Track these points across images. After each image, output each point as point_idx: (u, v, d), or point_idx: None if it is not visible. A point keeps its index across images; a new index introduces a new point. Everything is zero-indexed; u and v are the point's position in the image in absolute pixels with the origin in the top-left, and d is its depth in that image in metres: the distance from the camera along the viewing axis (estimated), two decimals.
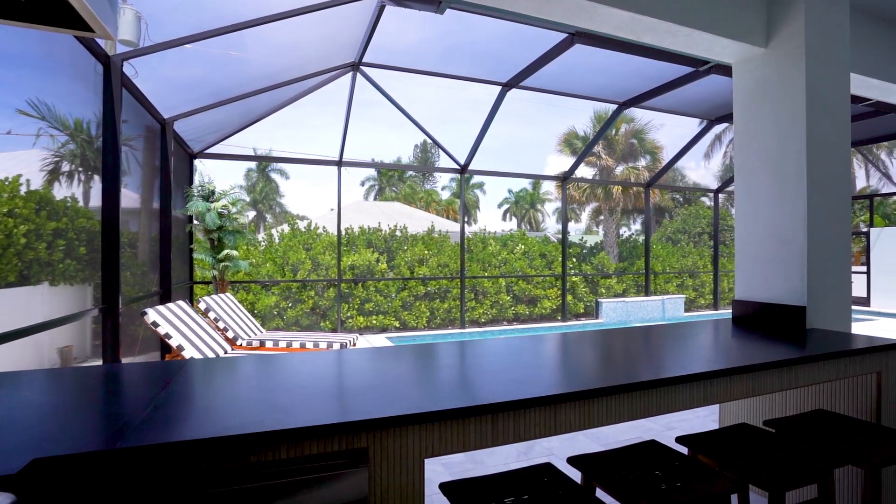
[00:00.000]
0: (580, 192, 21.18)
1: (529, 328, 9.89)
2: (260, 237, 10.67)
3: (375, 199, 40.57)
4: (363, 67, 6.66)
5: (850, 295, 3.00)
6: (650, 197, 11.23)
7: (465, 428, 1.35)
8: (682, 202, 25.34)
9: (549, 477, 1.68)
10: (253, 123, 7.29)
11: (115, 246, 3.52)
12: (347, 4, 4.81)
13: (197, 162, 7.58)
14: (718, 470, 1.88)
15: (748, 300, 3.11)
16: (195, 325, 4.45)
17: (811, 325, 2.82)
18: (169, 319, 4.12)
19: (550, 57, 6.32)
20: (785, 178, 2.93)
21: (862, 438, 2.05)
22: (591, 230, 29.88)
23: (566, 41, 5.86)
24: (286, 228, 10.21)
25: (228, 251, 6.73)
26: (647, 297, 11.27)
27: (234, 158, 7.83)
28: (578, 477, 2.46)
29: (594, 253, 12.98)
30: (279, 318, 8.99)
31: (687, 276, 12.79)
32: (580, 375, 1.80)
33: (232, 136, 7.37)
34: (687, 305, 12.19)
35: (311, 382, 1.62)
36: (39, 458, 0.96)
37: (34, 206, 4.21)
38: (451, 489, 1.58)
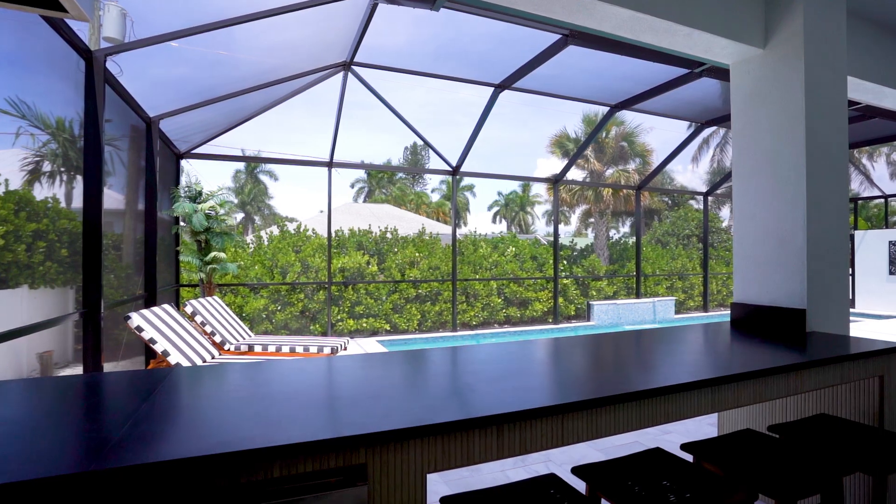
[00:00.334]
0: (570, 194, 21.24)
1: (521, 331, 9.84)
2: (248, 239, 10.51)
3: (365, 201, 40.41)
4: (354, 67, 6.57)
5: (848, 297, 2.97)
6: (641, 199, 11.26)
7: (469, 441, 1.28)
8: (670, 205, 25.55)
9: (554, 488, 1.61)
10: (241, 123, 7.16)
11: (97, 248, 3.39)
12: (339, 2, 4.73)
13: (184, 163, 7.43)
14: (725, 478, 1.82)
15: (747, 303, 3.07)
16: (181, 329, 4.32)
17: (811, 328, 2.78)
18: (153, 324, 3.99)
19: (543, 58, 6.28)
20: (784, 179, 2.90)
21: (868, 444, 2.01)
22: (580, 233, 30.00)
23: (559, 42, 5.83)
24: (275, 230, 10.07)
25: (216, 253, 6.59)
26: (638, 299, 11.29)
27: (222, 159, 7.69)
28: (583, 487, 2.39)
29: (585, 255, 12.99)
30: (268, 321, 8.84)
31: (676, 278, 12.85)
32: (585, 383, 1.73)
33: (220, 136, 7.23)
34: (677, 308, 12.23)
35: (303, 392, 1.53)
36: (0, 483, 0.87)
37: (13, 206, 4.06)
38: None
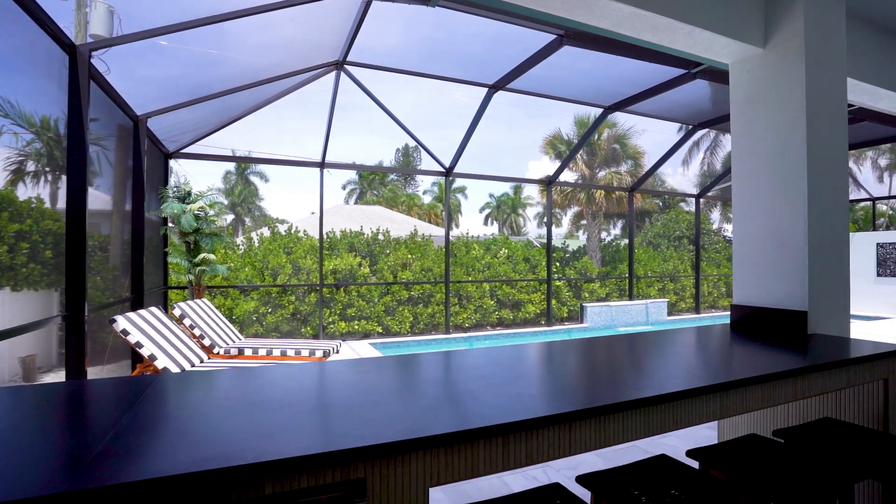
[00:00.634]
0: (562, 196, 21.27)
1: (514, 333, 9.79)
2: (238, 241, 10.36)
3: (357, 202, 40.24)
4: (347, 66, 6.49)
5: (848, 299, 2.95)
6: (633, 201, 11.27)
7: (473, 452, 1.21)
8: (661, 207, 25.69)
9: (560, 499, 1.54)
10: (232, 123, 7.04)
11: (80, 249, 3.27)
12: None
13: (173, 163, 7.30)
14: (735, 486, 1.77)
15: (747, 304, 3.03)
16: (169, 332, 4.21)
17: (812, 329, 2.75)
18: (140, 327, 3.87)
19: (538, 59, 6.24)
20: (784, 179, 2.86)
21: (877, 450, 1.97)
22: (571, 234, 30.07)
23: (554, 43, 5.79)
24: (266, 232, 9.94)
25: (205, 255, 6.46)
26: (630, 301, 11.29)
27: (211, 159, 7.56)
28: (588, 496, 2.33)
29: (577, 257, 12.97)
30: (258, 324, 8.71)
31: (668, 280, 12.88)
32: (590, 389, 1.67)
33: (209, 135, 7.11)
34: (669, 309, 12.24)
35: (296, 400, 1.45)
36: None
37: None
38: None
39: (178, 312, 4.97)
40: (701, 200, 12.51)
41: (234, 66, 5.94)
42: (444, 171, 8.91)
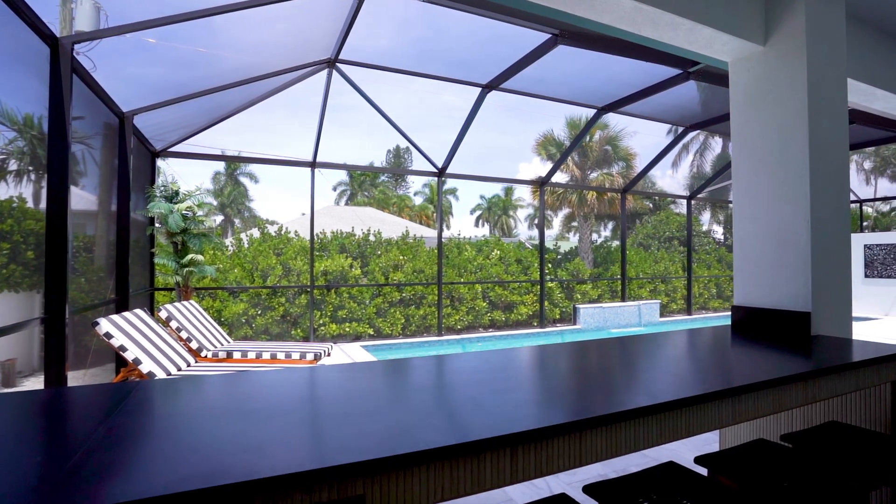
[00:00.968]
0: (553, 197, 21.27)
1: (508, 335, 9.72)
2: (227, 242, 10.20)
3: (347, 204, 40.03)
4: (339, 65, 6.39)
5: (850, 299, 2.91)
6: (626, 202, 11.27)
7: (480, 465, 1.12)
8: (652, 209, 25.83)
9: None
10: (221, 121, 6.90)
11: (61, 249, 3.14)
12: None
13: (162, 163, 7.15)
14: (746, 494, 1.71)
15: (749, 306, 2.98)
16: (154, 335, 4.07)
17: (815, 331, 2.70)
18: (124, 330, 3.74)
19: (532, 58, 6.19)
20: (786, 178, 2.82)
21: (890, 455, 1.91)
22: (562, 236, 30.12)
23: (549, 42, 5.74)
24: (256, 233, 9.79)
25: (193, 255, 6.32)
26: (623, 302, 11.28)
27: (200, 158, 7.41)
28: None
29: (569, 259, 12.95)
30: (248, 326, 8.55)
31: (659, 281, 12.89)
32: (598, 395, 1.59)
33: (198, 134, 6.96)
34: (660, 311, 12.25)
35: (288, 408, 1.36)
36: None
37: None
38: None
39: (164, 315, 4.83)
40: (692, 202, 12.55)
41: (223, 64, 5.82)
42: (436, 171, 8.83)
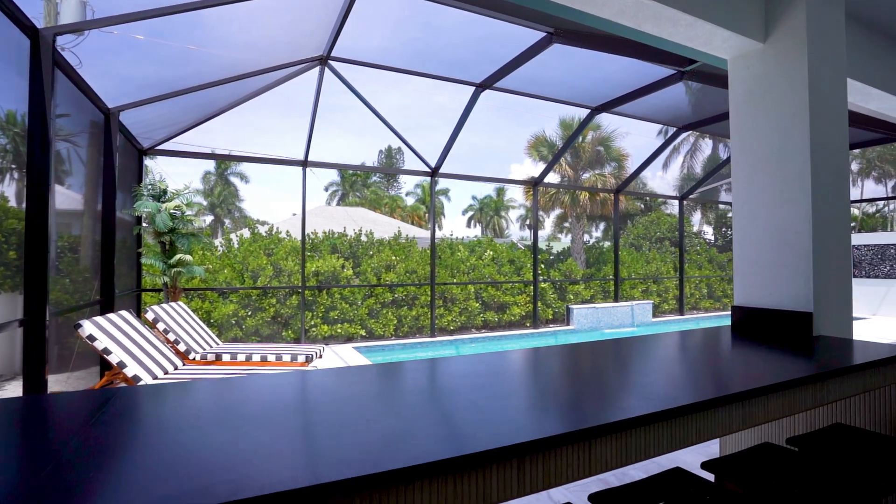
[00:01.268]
0: (545, 198, 21.28)
1: (501, 336, 9.66)
2: (217, 242, 10.04)
3: (339, 204, 39.83)
4: (332, 62, 6.29)
5: (850, 299, 2.87)
6: (619, 203, 11.26)
7: (486, 478, 1.05)
8: (643, 209, 25.95)
9: None
10: (211, 118, 6.77)
11: (41, 249, 3.02)
12: None
13: (151, 163, 7.01)
14: (753, 501, 1.65)
15: (749, 306, 2.94)
16: (140, 338, 3.96)
17: (817, 331, 2.66)
18: (109, 332, 3.62)
19: (527, 57, 6.13)
20: (786, 177, 2.78)
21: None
22: (554, 237, 30.17)
23: (544, 41, 5.69)
24: (246, 233, 9.65)
25: (181, 256, 6.18)
26: (616, 303, 11.27)
27: (189, 156, 7.27)
28: None
29: (561, 259, 12.93)
30: (237, 327, 8.42)
31: (651, 281, 12.91)
32: (605, 400, 1.52)
33: (187, 131, 6.82)
34: (652, 311, 12.26)
35: (278, 418, 1.28)
36: None
37: None
38: None
39: (151, 316, 4.71)
40: (684, 203, 12.57)
41: (213, 61, 5.71)
42: (429, 171, 8.76)
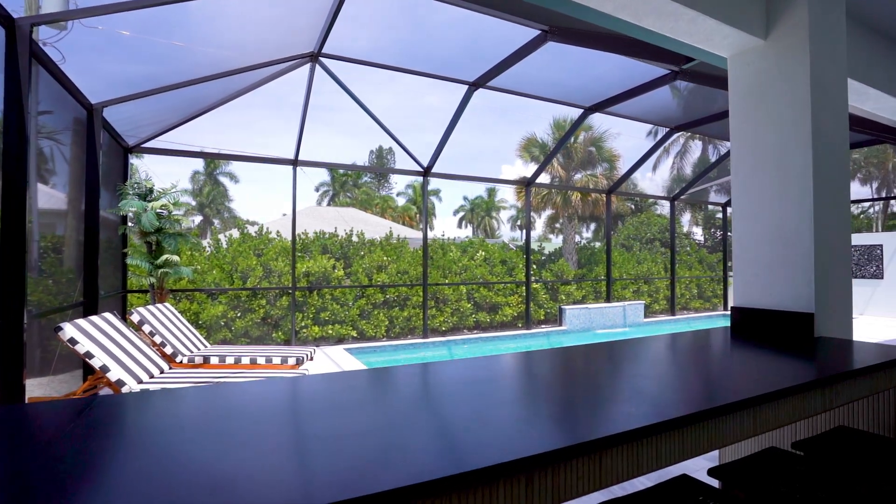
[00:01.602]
0: (537, 199, 21.29)
1: (494, 336, 9.60)
2: (205, 243, 9.88)
3: (329, 204, 39.61)
4: (323, 59, 6.18)
5: (851, 299, 2.84)
6: (611, 203, 11.25)
7: (492, 495, 0.97)
8: (633, 210, 26.08)
9: None
10: (199, 116, 6.63)
11: (19, 249, 2.90)
12: None
13: (137, 161, 6.85)
14: None
15: (749, 307, 2.89)
16: (124, 340, 3.83)
17: (818, 332, 2.62)
18: (91, 335, 3.50)
19: (520, 56, 6.07)
20: (787, 176, 2.74)
21: None
22: (545, 237, 30.22)
23: (538, 38, 5.63)
24: (235, 233, 9.50)
25: (168, 256, 6.04)
26: (608, 303, 11.26)
27: (176, 154, 7.12)
28: None
29: (553, 260, 12.90)
30: (226, 329, 8.27)
31: (642, 282, 12.92)
32: (612, 408, 1.45)
33: (175, 129, 6.67)
34: (644, 311, 12.27)
35: (267, 431, 1.19)
36: None
37: None
38: None
39: (136, 318, 4.58)
40: (675, 203, 12.61)
41: (201, 58, 5.58)
42: (421, 170, 8.67)
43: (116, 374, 3.45)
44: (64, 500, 0.81)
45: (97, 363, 3.39)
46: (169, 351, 4.62)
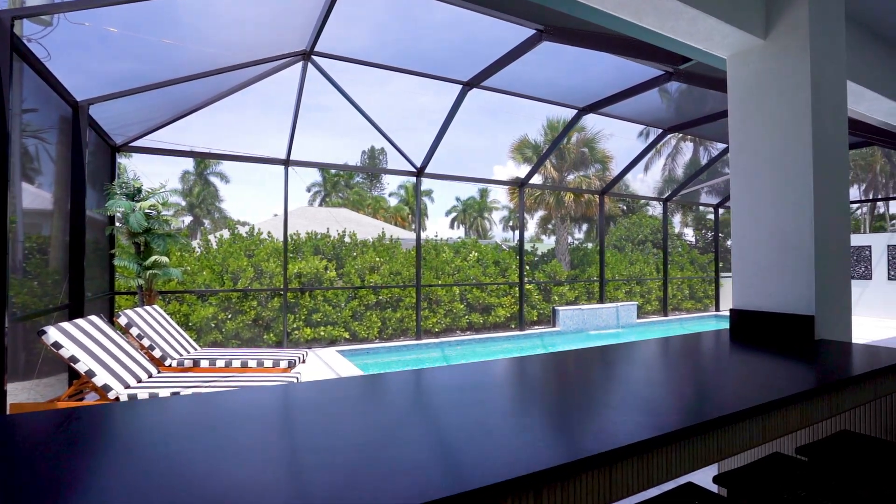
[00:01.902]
0: (530, 199, 21.29)
1: (487, 338, 9.56)
2: (195, 243, 9.74)
3: (321, 204, 39.41)
4: (315, 57, 6.10)
5: (850, 302, 2.82)
6: (604, 204, 11.26)
7: None
8: (625, 211, 26.18)
9: None
10: (189, 114, 6.52)
11: (0, 249, 2.80)
12: None
13: (126, 161, 6.73)
14: None
15: (749, 309, 2.86)
16: (111, 344, 3.73)
17: (818, 335, 2.59)
18: (76, 339, 3.40)
19: (515, 55, 6.04)
20: (788, 177, 2.71)
21: None
22: (538, 238, 30.25)
23: (533, 38, 5.60)
24: (226, 234, 9.38)
25: (157, 257, 5.93)
26: (601, 304, 11.26)
27: (165, 154, 7.00)
28: None
29: (546, 260, 12.89)
30: (217, 331, 8.15)
31: (634, 282, 12.95)
32: (619, 416, 1.40)
33: (163, 127, 6.56)
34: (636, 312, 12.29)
35: (258, 445, 1.13)
36: None
37: None
38: None
39: (123, 321, 4.47)
40: (668, 204, 12.65)
41: (190, 55, 5.48)
42: (415, 170, 8.61)
43: (103, 378, 3.35)
44: None
45: (82, 368, 3.29)
46: (157, 354, 4.52)
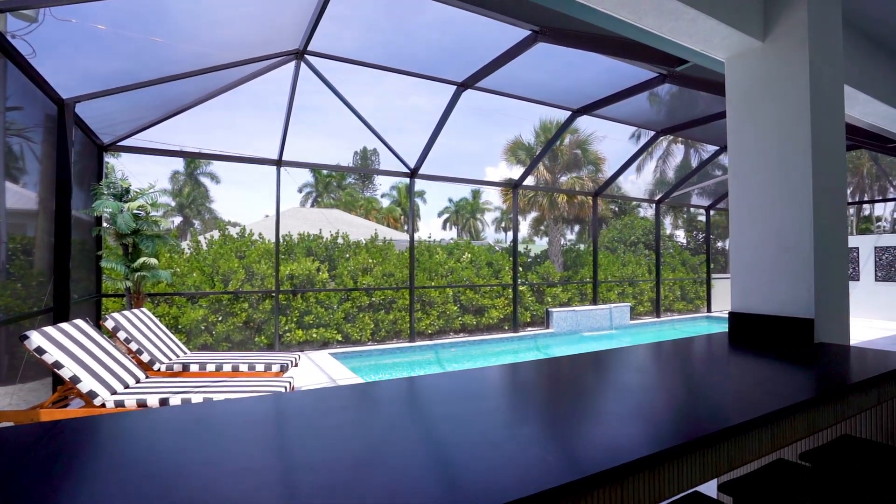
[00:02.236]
0: (523, 201, 21.31)
1: (481, 339, 9.52)
2: (185, 245, 9.60)
3: (313, 205, 39.20)
4: (308, 57, 6.03)
5: (848, 305, 2.81)
6: (598, 205, 11.27)
7: None
8: (617, 212, 26.31)
9: None
10: (178, 113, 6.41)
11: None
12: None
13: (114, 161, 6.61)
14: None
15: (748, 312, 2.84)
16: (97, 349, 3.63)
17: (818, 338, 2.58)
18: (60, 344, 3.30)
19: (510, 56, 6.01)
20: (787, 179, 2.69)
21: None
22: (530, 239, 30.29)
23: (528, 39, 5.57)
24: (216, 235, 9.25)
25: (145, 259, 5.82)
26: (595, 305, 11.26)
27: (154, 153, 6.88)
28: None
29: (539, 262, 12.89)
30: (207, 333, 8.03)
31: (627, 284, 12.97)
32: (627, 426, 1.36)
33: (152, 126, 6.44)
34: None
35: (251, 466, 1.07)
36: None
37: None
38: None
39: (110, 324, 4.37)
40: (660, 206, 12.69)
41: (180, 54, 5.39)
42: (408, 171, 8.55)
43: (88, 384, 3.26)
44: None
45: (67, 374, 3.20)
46: (146, 359, 4.42)
